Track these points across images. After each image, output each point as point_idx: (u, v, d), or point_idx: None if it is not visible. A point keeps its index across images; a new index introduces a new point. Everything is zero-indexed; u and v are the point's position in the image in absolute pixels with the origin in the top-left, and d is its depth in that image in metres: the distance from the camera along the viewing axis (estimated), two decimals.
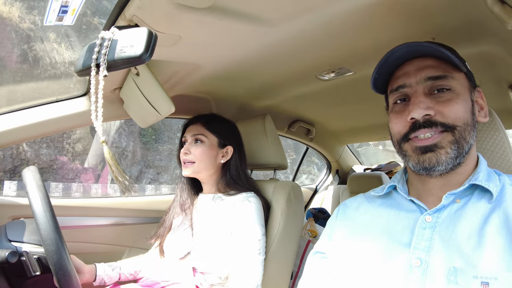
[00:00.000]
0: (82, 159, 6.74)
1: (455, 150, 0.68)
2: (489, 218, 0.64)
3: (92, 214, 1.55)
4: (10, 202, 1.35)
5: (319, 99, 1.68)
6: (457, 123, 0.68)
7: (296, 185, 1.35)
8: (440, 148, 0.68)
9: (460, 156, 0.68)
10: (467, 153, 0.70)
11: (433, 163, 0.68)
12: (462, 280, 0.59)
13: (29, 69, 5.78)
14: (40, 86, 5.69)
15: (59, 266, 0.86)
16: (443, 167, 0.68)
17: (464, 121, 0.68)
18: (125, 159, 7.05)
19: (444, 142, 0.68)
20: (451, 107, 0.68)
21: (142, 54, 0.64)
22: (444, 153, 0.68)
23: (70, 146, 6.67)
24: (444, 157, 0.67)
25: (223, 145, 1.29)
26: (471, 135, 0.69)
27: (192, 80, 1.23)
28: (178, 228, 1.26)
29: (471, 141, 0.69)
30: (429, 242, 0.66)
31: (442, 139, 0.68)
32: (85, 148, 6.80)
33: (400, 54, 0.73)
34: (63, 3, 0.71)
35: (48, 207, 0.89)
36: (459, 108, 0.68)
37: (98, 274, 1.21)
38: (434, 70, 0.71)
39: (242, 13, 0.78)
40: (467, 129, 0.68)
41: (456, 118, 0.68)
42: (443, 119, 0.68)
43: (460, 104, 0.69)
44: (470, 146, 0.70)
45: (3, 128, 1.13)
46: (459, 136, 0.68)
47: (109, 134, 7.12)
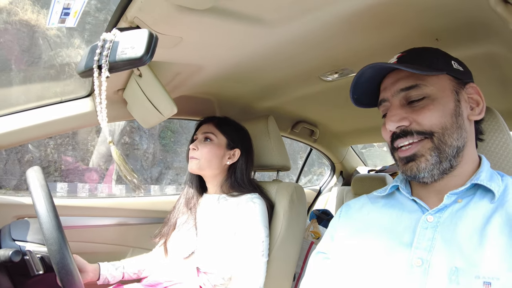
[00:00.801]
0: (105, 161, 6.95)
1: (435, 156, 0.69)
2: (491, 218, 0.64)
3: (95, 214, 1.56)
4: (14, 202, 1.36)
5: (322, 100, 1.67)
6: (434, 129, 0.69)
7: (299, 187, 1.35)
8: (420, 156, 0.70)
9: (444, 160, 0.69)
10: (457, 155, 0.70)
11: (414, 172, 0.71)
12: (463, 280, 0.59)
13: (55, 74, 5.94)
14: (65, 91, 5.92)
15: (61, 265, 0.87)
16: (426, 174, 0.70)
17: (441, 126, 0.69)
18: (146, 160, 7.22)
19: (424, 150, 0.70)
20: (424, 115, 0.70)
21: (143, 56, 0.65)
22: (424, 160, 0.70)
23: (94, 148, 6.93)
24: (424, 165, 0.70)
25: (231, 147, 1.30)
26: (454, 138, 0.69)
27: (194, 81, 1.24)
28: (183, 226, 1.26)
29: (455, 143, 0.70)
30: (430, 242, 0.66)
31: (422, 147, 0.70)
32: (108, 149, 6.96)
33: (369, 74, 0.78)
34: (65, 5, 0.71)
35: (51, 207, 0.90)
36: (433, 114, 0.70)
37: (101, 273, 1.22)
38: (406, 81, 0.73)
39: (243, 14, 0.78)
40: (446, 133, 0.69)
41: (432, 125, 0.70)
42: (418, 127, 0.70)
43: (435, 109, 0.70)
44: (458, 148, 0.70)
45: (9, 128, 1.15)
46: (438, 142, 0.69)
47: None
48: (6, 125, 1.15)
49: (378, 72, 0.78)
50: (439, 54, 0.76)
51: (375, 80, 0.81)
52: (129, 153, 6.97)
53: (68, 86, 1.29)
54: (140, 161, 7.07)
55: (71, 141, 6.62)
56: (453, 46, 0.95)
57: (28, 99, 1.22)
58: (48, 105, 1.24)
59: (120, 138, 7.09)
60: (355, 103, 0.84)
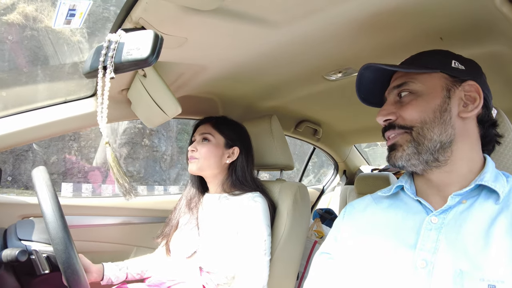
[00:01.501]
0: (127, 162, 7.13)
1: (412, 147, 0.72)
2: (496, 219, 0.63)
3: (99, 214, 1.57)
4: (19, 202, 1.37)
5: (326, 100, 1.67)
6: (414, 123, 0.73)
7: (303, 186, 1.35)
8: (399, 146, 0.75)
9: (424, 153, 0.72)
10: (442, 150, 0.71)
11: (392, 160, 0.76)
12: (468, 282, 0.59)
13: (79, 79, 6.05)
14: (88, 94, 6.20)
15: (67, 264, 0.87)
16: (404, 162, 0.73)
17: (420, 120, 0.72)
18: (164, 162, 7.36)
19: (402, 141, 0.74)
20: (406, 109, 0.74)
21: (148, 57, 0.65)
22: (401, 150, 0.74)
23: (115, 150, 7.06)
24: (399, 153, 0.74)
25: (230, 146, 1.31)
26: (435, 132, 0.71)
27: (198, 81, 1.24)
28: (185, 226, 1.27)
29: (438, 137, 0.71)
30: (435, 244, 0.66)
31: (401, 138, 0.75)
32: (129, 152, 7.20)
33: (370, 76, 0.83)
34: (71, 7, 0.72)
35: (57, 206, 0.91)
36: (414, 108, 0.73)
37: (105, 273, 1.22)
38: (399, 80, 0.78)
39: (248, 15, 0.78)
40: (425, 127, 0.72)
41: (412, 119, 0.73)
42: (401, 121, 0.75)
43: (417, 105, 0.73)
44: (442, 142, 0.71)
45: (14, 129, 1.16)
46: (416, 135, 0.72)
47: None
48: (11, 125, 1.16)
49: (379, 73, 0.82)
50: (440, 55, 0.78)
51: (379, 81, 0.84)
52: (149, 155, 7.10)
53: (90, 90, 1.31)
54: (159, 162, 7.22)
55: (94, 144, 6.84)
56: (458, 46, 0.95)
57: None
58: (52, 105, 1.24)
59: (140, 141, 7.29)
60: (364, 102, 0.89)
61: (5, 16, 5.80)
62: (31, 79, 5.41)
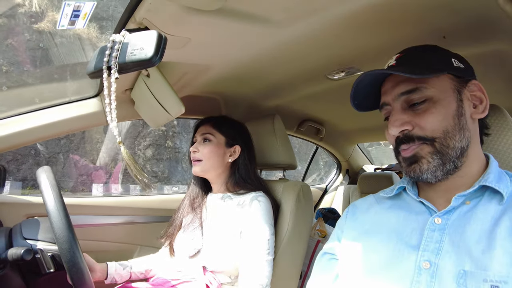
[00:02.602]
0: (152, 163, 7.44)
1: (437, 159, 0.69)
2: (500, 220, 0.63)
3: (104, 213, 1.57)
4: (24, 201, 1.38)
5: (328, 99, 1.67)
6: (435, 134, 0.69)
7: (306, 185, 1.35)
8: (421, 158, 0.70)
9: (448, 162, 0.69)
10: (461, 156, 0.70)
11: (417, 173, 0.70)
12: (471, 283, 0.59)
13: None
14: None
15: (72, 263, 0.88)
16: (429, 175, 0.69)
17: (443, 130, 0.69)
18: (186, 162, 7.61)
19: (423, 153, 0.70)
20: (426, 119, 0.69)
21: (152, 57, 0.65)
22: (426, 162, 0.69)
23: (141, 152, 7.41)
24: (426, 166, 0.69)
25: (231, 145, 1.31)
26: (456, 140, 0.69)
27: (201, 81, 1.24)
28: (188, 226, 1.27)
29: (459, 144, 0.69)
30: (438, 244, 0.66)
31: (421, 150, 0.70)
32: (153, 153, 7.52)
33: (368, 80, 0.77)
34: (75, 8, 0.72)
35: (61, 206, 0.91)
36: (435, 117, 0.69)
37: (109, 273, 1.23)
38: (406, 85, 0.72)
39: (250, 15, 0.78)
40: (448, 136, 0.69)
41: (433, 130, 0.69)
42: (420, 132, 0.70)
43: (437, 113, 0.69)
44: (462, 149, 0.69)
45: (19, 128, 1.16)
46: (440, 146, 0.69)
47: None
48: (15, 125, 1.17)
49: (378, 76, 0.78)
50: (438, 53, 0.75)
51: (375, 84, 0.80)
52: (171, 156, 7.36)
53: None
54: (181, 163, 7.50)
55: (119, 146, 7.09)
56: (460, 44, 0.95)
57: None
58: (56, 105, 1.25)
59: (164, 142, 7.55)
60: (357, 109, 0.84)
61: (36, 25, 6.08)
62: (60, 84, 5.64)
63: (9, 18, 6.15)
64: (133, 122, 7.36)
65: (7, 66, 6.04)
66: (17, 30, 6.25)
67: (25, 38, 6.25)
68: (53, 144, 6.74)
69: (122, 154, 0.80)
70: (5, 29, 6.13)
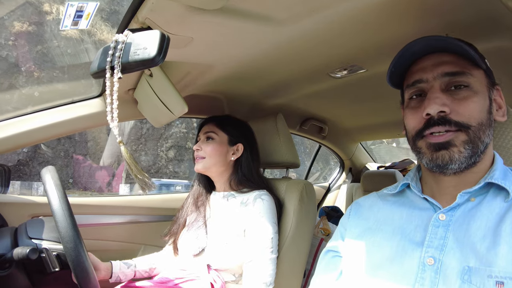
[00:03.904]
0: (173, 164, 7.82)
1: (469, 150, 0.67)
2: (505, 216, 0.63)
3: (107, 213, 1.58)
4: (29, 201, 1.39)
5: (331, 97, 1.67)
6: (472, 122, 0.67)
7: (309, 184, 1.35)
8: (453, 146, 0.67)
9: (474, 155, 0.67)
10: (483, 152, 0.69)
11: (446, 160, 0.68)
12: (476, 279, 0.59)
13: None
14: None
15: (77, 262, 0.89)
16: (456, 166, 0.67)
17: (479, 121, 0.67)
18: None
19: (458, 141, 0.67)
20: (467, 106, 0.67)
21: (155, 57, 0.65)
22: (457, 151, 0.67)
23: (164, 153, 7.80)
24: (457, 156, 0.67)
25: (234, 143, 1.32)
26: (486, 134, 0.68)
27: (204, 80, 1.24)
28: (192, 225, 1.28)
29: (486, 140, 0.68)
30: (442, 241, 0.66)
31: (456, 137, 0.67)
32: (175, 154, 7.88)
33: (419, 48, 0.72)
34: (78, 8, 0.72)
35: (66, 206, 0.92)
36: (475, 106, 0.67)
37: (114, 271, 1.24)
38: (452, 66, 0.69)
39: (253, 14, 0.78)
40: (481, 129, 0.67)
41: (471, 117, 0.67)
42: (457, 117, 0.67)
43: (477, 102, 0.68)
44: (486, 145, 0.69)
45: (21, 129, 1.17)
46: (473, 136, 0.67)
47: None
48: (19, 126, 1.17)
49: (424, 49, 0.73)
50: (476, 49, 0.74)
51: (411, 58, 0.76)
52: (192, 157, 8.07)
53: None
54: None
55: (143, 147, 7.61)
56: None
57: None
58: (59, 105, 1.26)
59: (185, 144, 7.78)
60: (389, 78, 0.79)
61: (63, 32, 6.37)
62: (87, 90, 5.88)
63: (38, 26, 6.35)
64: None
65: (38, 72, 6.24)
66: (46, 37, 6.49)
67: (54, 45, 6.48)
68: (81, 147, 7.01)
69: (123, 154, 0.80)
70: (35, 36, 6.34)
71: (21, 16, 6.36)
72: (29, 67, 6.41)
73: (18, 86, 6.35)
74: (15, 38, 6.34)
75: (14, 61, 6.35)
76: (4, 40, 6.32)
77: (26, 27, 6.34)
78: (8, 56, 6.36)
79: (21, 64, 6.40)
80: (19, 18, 6.34)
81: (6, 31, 6.34)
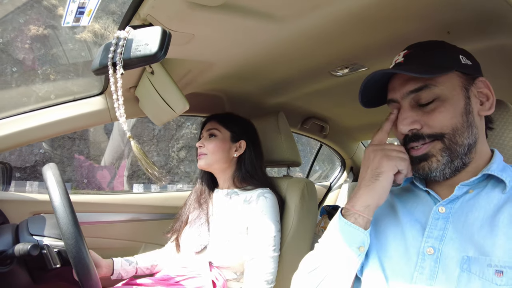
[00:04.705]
0: (184, 164, 7.99)
1: (446, 156, 0.70)
2: (503, 207, 0.64)
3: (109, 211, 1.58)
4: (31, 199, 1.40)
5: (332, 96, 1.66)
6: (445, 130, 0.70)
7: (310, 182, 1.35)
8: (431, 156, 0.71)
9: (456, 159, 0.70)
10: (469, 152, 0.70)
11: (426, 171, 0.72)
12: (475, 268, 0.60)
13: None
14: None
15: (78, 259, 0.89)
16: (438, 173, 0.71)
17: (452, 127, 0.69)
18: None
19: (434, 150, 0.71)
20: (435, 117, 0.70)
21: (157, 52, 0.65)
22: (435, 160, 0.71)
23: (175, 153, 7.97)
24: (435, 165, 0.71)
25: (236, 140, 1.32)
26: (464, 137, 0.70)
27: (205, 78, 1.25)
28: (195, 222, 1.28)
29: (466, 141, 0.70)
30: (442, 232, 0.67)
31: (432, 147, 0.71)
32: (186, 155, 8.02)
33: (377, 78, 0.76)
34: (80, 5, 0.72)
35: (67, 202, 0.92)
36: (445, 116, 0.70)
37: (115, 268, 1.24)
38: (414, 83, 0.72)
39: (254, 11, 0.78)
40: (457, 133, 0.69)
41: (443, 126, 0.70)
42: (429, 130, 0.71)
43: (446, 111, 0.70)
44: (469, 145, 0.70)
45: (23, 127, 1.17)
46: (449, 143, 0.70)
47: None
48: (21, 123, 1.18)
49: (386, 74, 0.77)
50: (446, 49, 0.75)
51: (382, 80, 0.79)
52: None
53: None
54: None
55: (155, 148, 7.81)
56: (465, 39, 0.94)
57: None
58: (61, 103, 1.26)
59: (195, 144, 8.35)
60: (365, 106, 0.84)
61: (78, 35, 6.53)
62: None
63: (54, 29, 6.51)
64: (166, 126, 7.90)
65: (54, 75, 6.39)
66: (61, 40, 6.65)
67: (69, 48, 6.62)
68: (95, 147, 7.22)
69: (133, 149, 0.80)
70: (50, 39, 6.49)
71: (37, 20, 6.55)
72: (44, 69, 6.60)
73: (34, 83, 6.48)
74: (31, 41, 6.52)
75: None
76: (21, 44, 6.48)
77: (42, 31, 6.51)
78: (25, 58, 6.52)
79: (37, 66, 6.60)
80: (35, 22, 6.54)
81: (23, 34, 6.50)
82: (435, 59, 0.72)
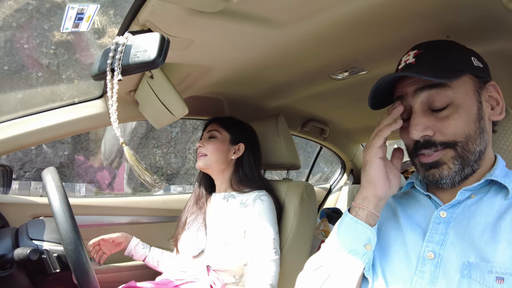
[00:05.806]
0: (193, 168, 8.32)
1: (458, 164, 0.68)
2: (505, 214, 0.63)
3: (109, 213, 1.59)
4: (31, 202, 1.40)
5: (332, 99, 1.66)
6: (458, 138, 0.67)
7: (309, 185, 1.35)
8: (443, 164, 0.69)
9: (467, 167, 0.68)
10: (479, 159, 0.69)
11: (436, 178, 0.70)
12: (476, 274, 0.59)
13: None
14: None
15: (77, 264, 0.89)
16: (448, 180, 0.69)
17: (465, 135, 0.67)
18: None
19: (446, 158, 0.68)
20: (449, 125, 0.67)
21: (155, 59, 0.66)
22: (447, 168, 0.68)
23: (192, 155, 8.32)
24: (446, 172, 0.68)
25: (235, 142, 1.33)
26: (477, 143, 0.68)
27: (205, 81, 1.25)
28: (192, 226, 1.28)
29: (478, 148, 0.68)
30: (443, 236, 0.67)
31: (444, 155, 0.68)
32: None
33: (390, 79, 0.73)
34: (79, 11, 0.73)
35: (67, 207, 0.92)
36: (458, 123, 0.67)
37: (130, 245, 1.33)
38: (426, 81, 0.69)
39: (253, 16, 0.78)
40: (470, 140, 0.67)
41: (456, 134, 0.67)
42: (442, 137, 0.68)
43: (460, 118, 0.67)
44: (480, 152, 0.69)
45: (23, 130, 1.18)
46: (461, 151, 0.67)
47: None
48: (21, 127, 1.18)
49: (396, 79, 0.75)
50: (459, 51, 0.73)
51: (392, 81, 0.77)
52: None
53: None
54: None
55: (173, 150, 8.14)
56: (464, 43, 0.94)
57: None
58: (61, 106, 1.26)
59: None
60: (374, 108, 0.80)
61: (99, 40, 6.77)
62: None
63: (76, 35, 6.66)
64: (183, 128, 8.11)
65: (78, 79, 6.55)
66: (82, 45, 6.79)
67: (91, 53, 6.82)
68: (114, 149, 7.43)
69: (126, 155, 0.80)
70: (72, 45, 6.60)
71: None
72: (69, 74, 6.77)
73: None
74: (56, 46, 6.68)
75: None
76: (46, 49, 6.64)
77: (65, 36, 6.74)
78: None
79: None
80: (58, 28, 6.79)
81: (47, 40, 6.72)
82: (448, 61, 0.69)
